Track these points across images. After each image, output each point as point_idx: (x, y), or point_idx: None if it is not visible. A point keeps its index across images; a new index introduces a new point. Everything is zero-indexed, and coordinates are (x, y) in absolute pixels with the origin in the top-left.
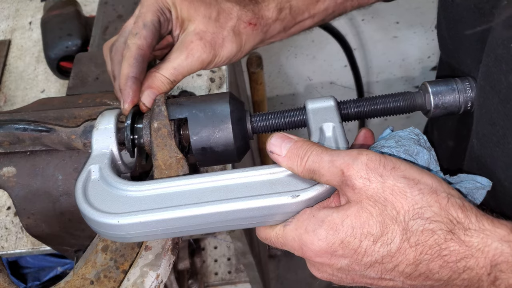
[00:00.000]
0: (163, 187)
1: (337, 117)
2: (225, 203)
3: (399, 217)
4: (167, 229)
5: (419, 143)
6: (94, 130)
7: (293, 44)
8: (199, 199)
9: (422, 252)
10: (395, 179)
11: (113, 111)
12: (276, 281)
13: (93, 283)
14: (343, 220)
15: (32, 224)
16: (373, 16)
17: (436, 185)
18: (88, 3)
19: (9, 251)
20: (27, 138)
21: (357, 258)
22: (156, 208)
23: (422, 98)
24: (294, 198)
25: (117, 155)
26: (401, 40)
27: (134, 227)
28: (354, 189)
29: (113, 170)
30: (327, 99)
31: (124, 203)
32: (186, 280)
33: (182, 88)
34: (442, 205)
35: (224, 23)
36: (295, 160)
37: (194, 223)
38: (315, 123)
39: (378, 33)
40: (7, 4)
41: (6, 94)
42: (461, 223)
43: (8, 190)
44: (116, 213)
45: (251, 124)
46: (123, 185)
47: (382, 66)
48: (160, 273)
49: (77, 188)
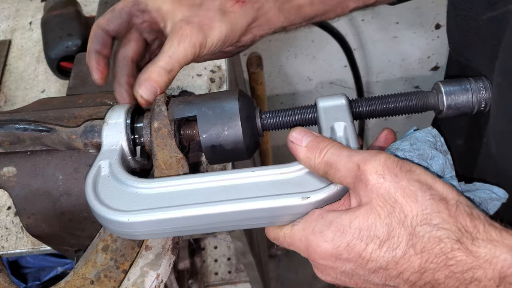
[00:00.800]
0: (173, 185)
1: (348, 116)
2: (235, 203)
3: (407, 221)
4: (176, 228)
5: (435, 146)
6: (104, 125)
7: (293, 44)
8: (209, 198)
9: (428, 260)
10: (409, 181)
11: (123, 106)
12: (276, 281)
13: (93, 283)
14: (351, 222)
15: (32, 224)
16: (373, 16)
17: (446, 192)
18: (88, 3)
19: (9, 251)
20: (28, 138)
21: (362, 262)
22: (166, 206)
23: (435, 97)
24: (305, 199)
25: (127, 151)
26: (401, 40)
27: (144, 225)
28: (367, 185)
29: (123, 166)
30: (338, 97)
31: (134, 200)
32: (186, 280)
33: (182, 88)
34: (451, 212)
35: (209, 4)
36: (314, 151)
37: (204, 222)
38: (327, 122)
39: (378, 33)
40: (7, 4)
41: (6, 94)
42: (469, 232)
43: (9, 190)
44: (126, 211)
45: (261, 121)
46: (133, 182)
47: (382, 66)
48: (160, 272)
49: (87, 183)
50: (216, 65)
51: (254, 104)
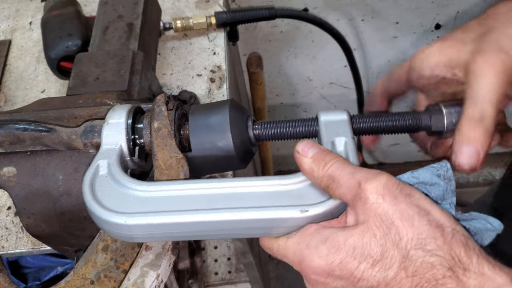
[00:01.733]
0: (171, 189)
1: (349, 132)
2: (233, 211)
3: (401, 243)
4: (172, 233)
5: (438, 172)
6: (105, 124)
7: (293, 44)
8: (208, 205)
9: (418, 285)
10: (408, 205)
11: (124, 106)
12: (276, 281)
13: (94, 283)
14: (347, 239)
15: (32, 224)
16: (373, 16)
17: (444, 220)
18: (88, 3)
19: (9, 251)
20: (28, 138)
21: (353, 280)
22: (164, 211)
23: (442, 119)
24: (303, 213)
25: (126, 151)
26: (401, 40)
27: (140, 228)
28: (365, 204)
29: (121, 167)
30: (340, 113)
31: (132, 202)
32: (186, 280)
33: (182, 88)
34: (447, 240)
35: None
36: (319, 164)
37: (200, 229)
38: (327, 137)
39: (378, 33)
40: (7, 4)
41: (6, 94)
42: (462, 262)
43: (9, 190)
44: (123, 213)
45: (253, 132)
46: (131, 183)
47: (382, 66)
48: (160, 273)
49: (85, 182)
50: (216, 65)
51: (247, 114)
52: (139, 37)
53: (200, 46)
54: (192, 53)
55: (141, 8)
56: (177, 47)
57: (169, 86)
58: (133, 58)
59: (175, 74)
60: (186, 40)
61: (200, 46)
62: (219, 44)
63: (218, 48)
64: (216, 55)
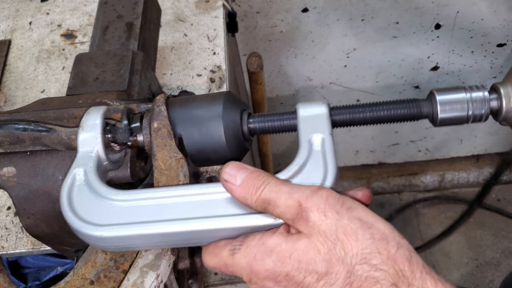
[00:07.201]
0: (148, 197)
1: (327, 128)
2: (207, 221)
3: (346, 259)
4: (151, 243)
5: None
6: (80, 130)
7: (293, 44)
8: (183, 215)
9: None
10: (350, 219)
11: (99, 108)
12: None
13: (93, 283)
14: (291, 254)
15: (32, 224)
16: (373, 16)
17: (388, 232)
18: (88, 3)
19: (9, 251)
20: (27, 138)
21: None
22: (138, 222)
23: (429, 107)
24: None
25: (103, 156)
26: (401, 40)
27: (117, 240)
28: (308, 222)
29: (98, 174)
30: (319, 105)
31: (108, 213)
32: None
33: (182, 88)
34: (391, 254)
35: None
36: (249, 190)
37: (177, 238)
38: (305, 134)
39: (378, 33)
40: (7, 4)
41: (6, 94)
42: (406, 277)
43: (8, 190)
44: (100, 225)
45: (247, 126)
46: (108, 193)
47: (382, 66)
48: (160, 273)
49: (62, 193)
50: (216, 65)
51: (243, 107)
52: (139, 37)
53: (200, 46)
54: (192, 53)
55: (141, 8)
56: (177, 47)
57: (169, 86)
58: (133, 58)
59: (175, 74)
60: (186, 40)
61: (200, 46)
62: (219, 44)
63: (218, 48)
64: (216, 55)
